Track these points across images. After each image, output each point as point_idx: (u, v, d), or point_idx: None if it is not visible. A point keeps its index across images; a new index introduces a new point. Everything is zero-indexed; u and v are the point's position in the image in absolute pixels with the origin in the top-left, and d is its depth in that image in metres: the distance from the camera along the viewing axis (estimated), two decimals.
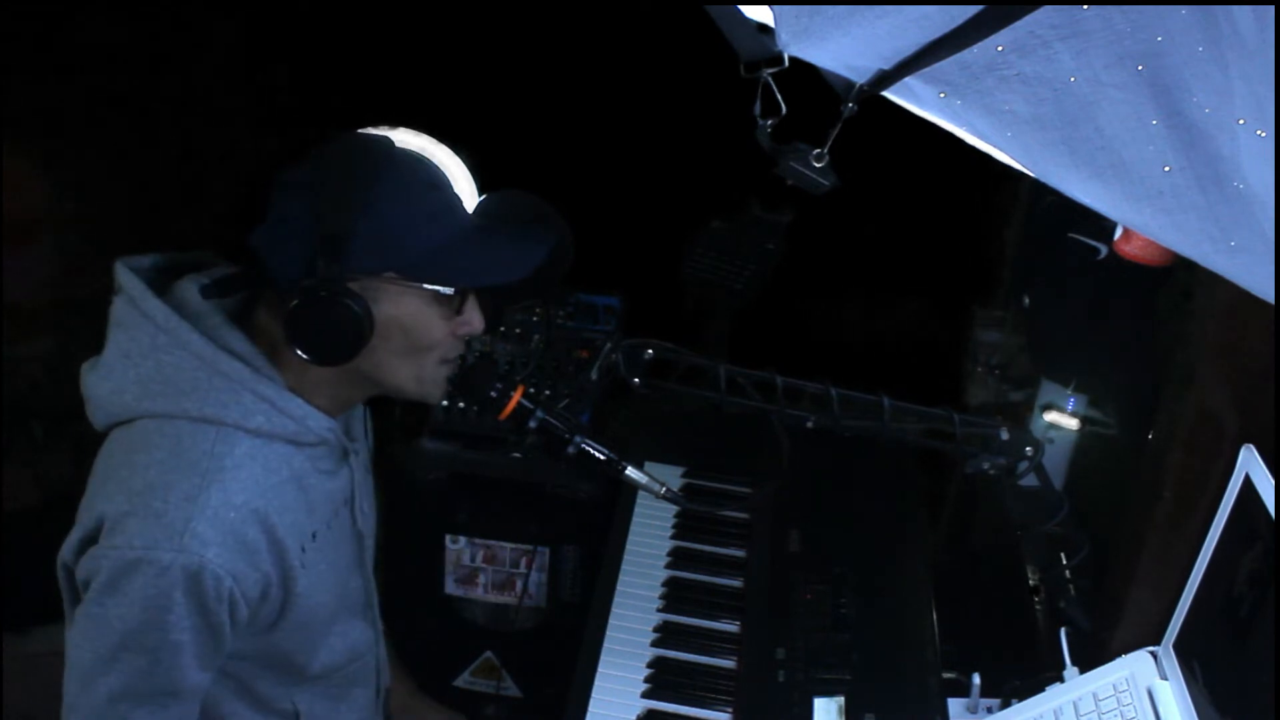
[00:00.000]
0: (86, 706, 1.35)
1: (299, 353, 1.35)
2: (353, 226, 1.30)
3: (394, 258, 1.34)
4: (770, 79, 1.01)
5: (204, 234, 1.52)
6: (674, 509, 2.14)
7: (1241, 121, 0.85)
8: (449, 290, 1.39)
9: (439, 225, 1.36)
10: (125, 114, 2.82)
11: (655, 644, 1.89)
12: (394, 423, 2.44)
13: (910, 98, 1.00)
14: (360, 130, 1.39)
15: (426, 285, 1.37)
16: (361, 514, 1.56)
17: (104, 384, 1.38)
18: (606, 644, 1.87)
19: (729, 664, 1.86)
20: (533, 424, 1.54)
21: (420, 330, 1.39)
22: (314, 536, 1.45)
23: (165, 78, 2.84)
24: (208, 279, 1.40)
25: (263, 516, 1.36)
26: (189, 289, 1.39)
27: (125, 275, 1.40)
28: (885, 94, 1.01)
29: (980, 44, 0.88)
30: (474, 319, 1.44)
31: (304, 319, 1.33)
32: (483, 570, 2.35)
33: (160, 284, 1.41)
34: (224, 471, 1.33)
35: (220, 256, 1.50)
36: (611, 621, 1.91)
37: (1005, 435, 1.63)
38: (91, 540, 1.34)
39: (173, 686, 1.36)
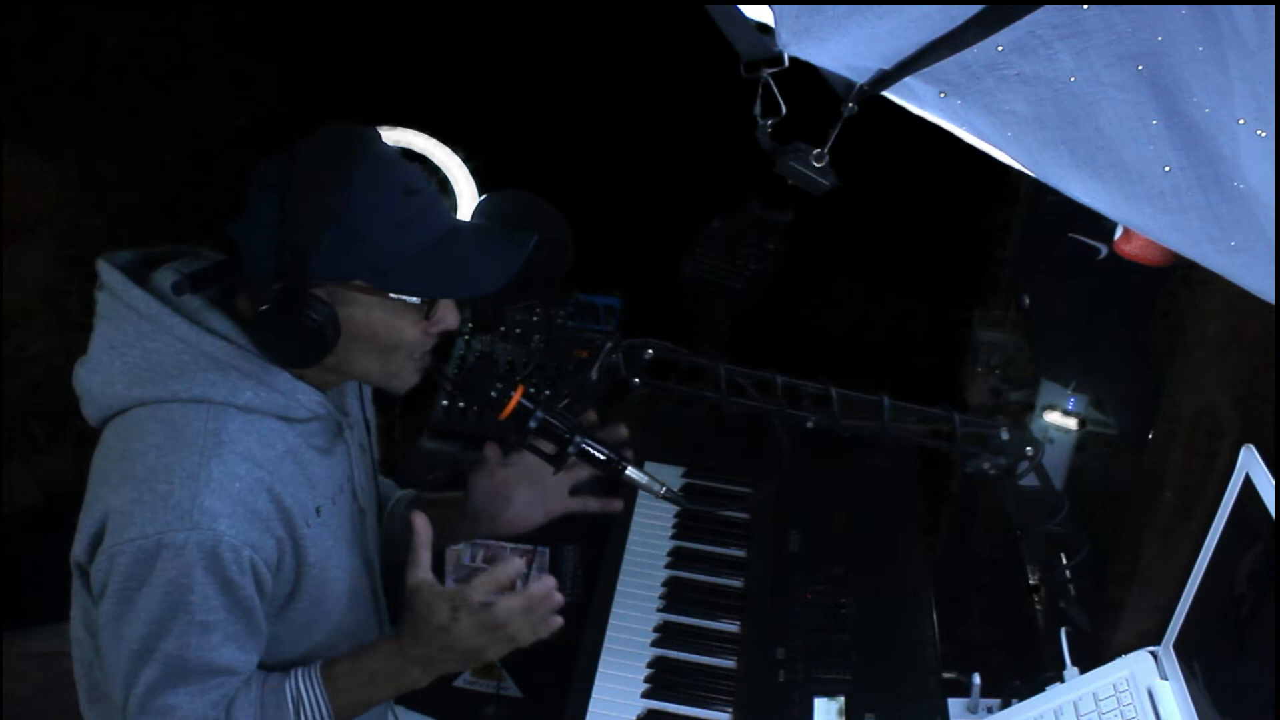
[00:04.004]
0: (131, 705, 1.36)
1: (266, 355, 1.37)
2: (319, 235, 1.29)
3: (361, 266, 1.34)
4: (770, 79, 1.01)
5: (205, 233, 1.51)
6: (674, 509, 2.14)
7: (1241, 121, 0.85)
8: (416, 300, 1.39)
9: (410, 233, 1.34)
10: (125, 114, 2.82)
11: (655, 644, 1.88)
12: (394, 423, 2.44)
13: (910, 98, 1.00)
14: (341, 125, 1.36)
15: (393, 295, 1.37)
16: (361, 490, 1.56)
17: (93, 377, 1.39)
18: (606, 644, 1.86)
19: (729, 664, 1.86)
20: (533, 424, 1.54)
21: (389, 334, 1.39)
22: (319, 511, 1.45)
23: (165, 77, 2.84)
24: (184, 270, 1.40)
25: (268, 485, 1.37)
26: (169, 277, 1.39)
27: (106, 270, 1.41)
28: (885, 94, 1.01)
29: (980, 44, 0.89)
30: (448, 318, 1.43)
31: (268, 325, 1.34)
32: (483, 570, 2.34)
33: (141, 276, 1.41)
34: (221, 446, 1.34)
35: (213, 251, 1.50)
36: (611, 621, 1.91)
37: (1005, 435, 1.63)
38: (101, 536, 1.34)
39: (207, 665, 1.36)
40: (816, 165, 1.10)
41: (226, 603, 1.34)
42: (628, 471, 1.57)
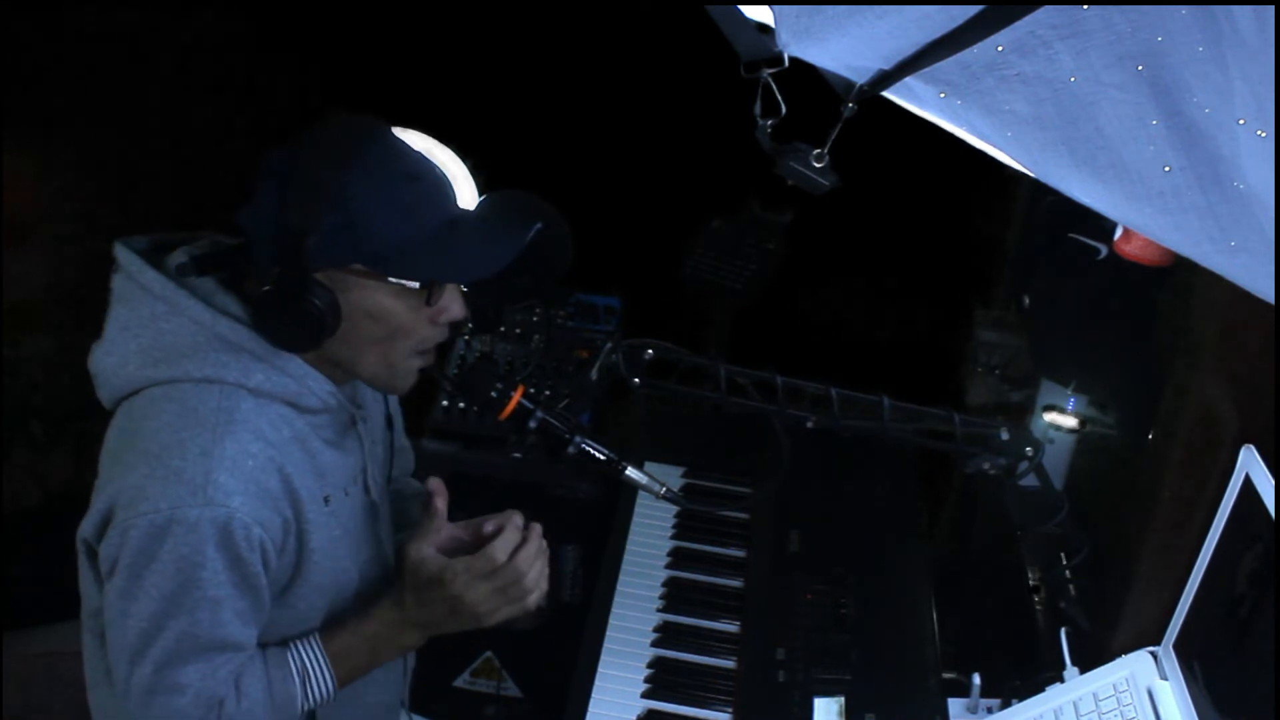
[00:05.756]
0: (139, 683, 1.37)
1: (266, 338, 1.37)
2: (319, 220, 1.30)
3: (360, 251, 1.33)
4: (770, 79, 1.01)
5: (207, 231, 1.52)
6: (674, 509, 2.14)
7: (1241, 121, 0.85)
8: (415, 284, 1.38)
9: (410, 218, 1.34)
10: (125, 113, 2.82)
11: (655, 644, 1.89)
12: None
13: (910, 98, 1.00)
14: (347, 114, 1.37)
15: (392, 279, 1.37)
16: (375, 484, 1.55)
17: (107, 359, 1.40)
18: (606, 644, 1.87)
19: (729, 664, 1.86)
20: (533, 424, 1.54)
21: (390, 321, 1.39)
22: (327, 501, 1.45)
23: (165, 77, 2.84)
24: (197, 254, 1.40)
25: (279, 465, 1.37)
26: (182, 260, 1.40)
27: (122, 253, 1.41)
28: (885, 94, 1.01)
29: (980, 44, 0.89)
30: (452, 307, 1.43)
31: (269, 308, 1.34)
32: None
33: (156, 259, 1.42)
34: (234, 424, 1.34)
35: (229, 237, 1.49)
36: (611, 621, 1.91)
37: (1005, 435, 1.63)
38: (112, 513, 1.34)
39: (218, 641, 1.37)
40: (816, 165, 1.10)
41: (235, 579, 1.35)
42: (628, 472, 1.57)
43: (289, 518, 1.39)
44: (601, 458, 1.56)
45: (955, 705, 1.73)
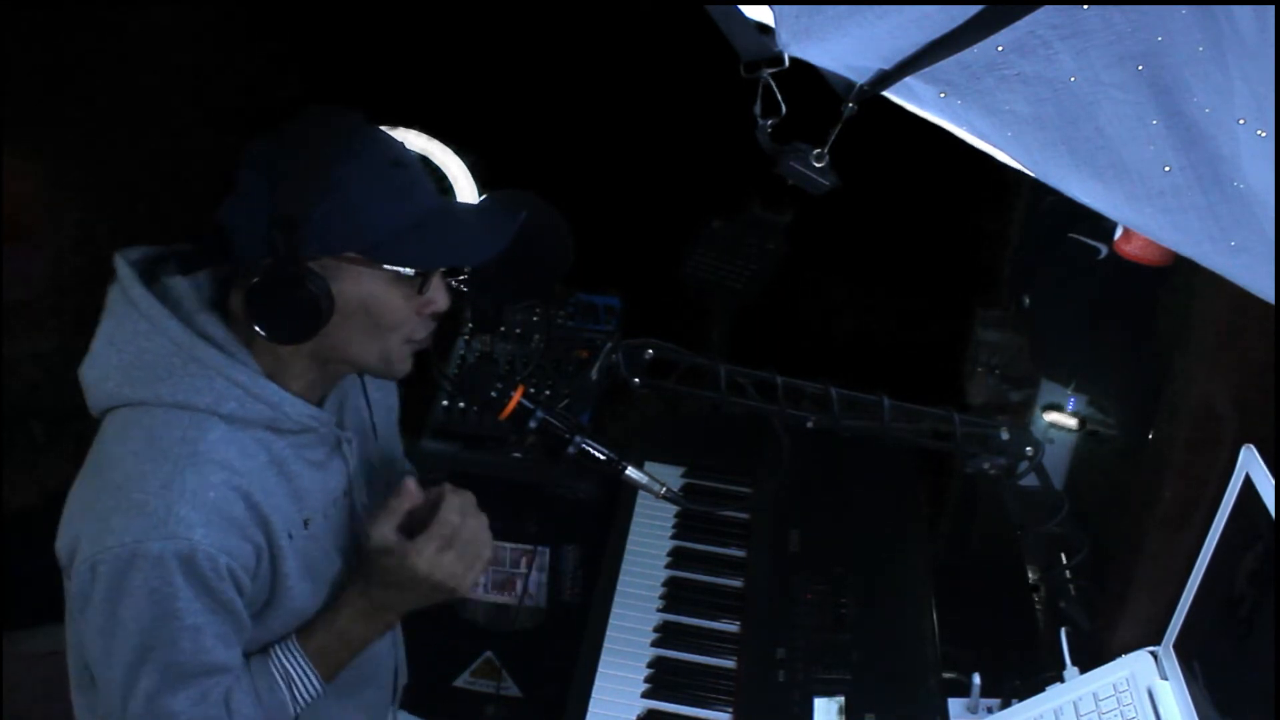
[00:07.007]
0: (134, 713, 1.37)
1: (259, 331, 1.35)
2: (311, 207, 1.29)
3: (353, 238, 1.33)
4: (770, 79, 1.01)
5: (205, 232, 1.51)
6: (674, 509, 2.14)
7: (1241, 121, 0.85)
8: (409, 271, 1.38)
9: (401, 205, 1.34)
10: (125, 113, 2.82)
11: (655, 644, 1.88)
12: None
13: (910, 98, 1.00)
14: (326, 106, 1.37)
15: (386, 266, 1.36)
16: (362, 505, 1.55)
17: (91, 371, 1.40)
18: (606, 644, 1.87)
19: (729, 664, 1.86)
20: (533, 424, 1.54)
21: (383, 310, 1.38)
22: (306, 524, 1.45)
23: (165, 77, 2.84)
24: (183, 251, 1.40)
25: (245, 494, 1.36)
26: (174, 276, 1.40)
27: (120, 265, 1.41)
28: (885, 94, 1.01)
29: (980, 44, 0.89)
30: (439, 298, 1.43)
31: (263, 299, 1.33)
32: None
33: (151, 274, 1.41)
34: (197, 456, 1.34)
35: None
36: (611, 621, 1.91)
37: (1005, 435, 1.63)
38: (78, 543, 1.35)
39: (203, 667, 1.37)
40: (816, 165, 1.10)
41: (210, 605, 1.35)
42: (628, 471, 1.57)
43: (260, 544, 1.39)
44: (601, 458, 1.56)
45: (955, 705, 1.73)
